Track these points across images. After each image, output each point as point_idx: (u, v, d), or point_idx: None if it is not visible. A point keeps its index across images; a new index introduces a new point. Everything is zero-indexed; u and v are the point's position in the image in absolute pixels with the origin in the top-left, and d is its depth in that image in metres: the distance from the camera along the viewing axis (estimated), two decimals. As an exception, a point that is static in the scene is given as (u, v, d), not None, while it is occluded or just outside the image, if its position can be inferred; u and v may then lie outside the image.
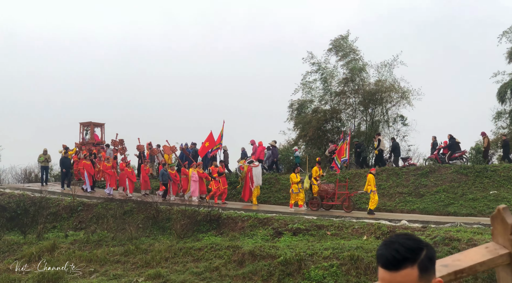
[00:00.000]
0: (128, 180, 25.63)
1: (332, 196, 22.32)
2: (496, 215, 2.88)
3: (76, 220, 22.33)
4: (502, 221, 2.87)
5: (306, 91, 36.53)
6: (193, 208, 20.78)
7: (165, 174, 24.61)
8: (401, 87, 34.84)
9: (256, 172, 23.98)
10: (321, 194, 22.36)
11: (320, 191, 22.41)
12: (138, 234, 19.46)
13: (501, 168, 24.00)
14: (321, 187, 22.50)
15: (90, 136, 33.34)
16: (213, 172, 24.78)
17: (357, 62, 35.31)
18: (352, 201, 22.21)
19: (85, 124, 33.70)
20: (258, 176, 24.11)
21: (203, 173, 25.33)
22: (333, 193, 22.34)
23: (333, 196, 22.31)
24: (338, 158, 23.16)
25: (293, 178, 22.49)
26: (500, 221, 2.88)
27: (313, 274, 14.65)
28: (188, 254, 16.91)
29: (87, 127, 33.67)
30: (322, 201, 22.24)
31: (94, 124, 33.74)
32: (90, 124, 33.59)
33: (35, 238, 19.88)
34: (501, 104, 34.12)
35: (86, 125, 33.67)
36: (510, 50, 33.65)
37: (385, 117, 35.66)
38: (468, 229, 16.95)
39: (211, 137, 27.14)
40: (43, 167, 28.56)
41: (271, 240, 18.10)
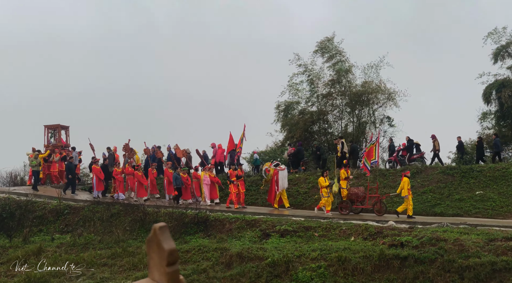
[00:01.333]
0: (138, 184, 25.02)
1: (363, 200, 21.80)
2: (152, 238, 2.13)
3: (62, 223, 22.18)
4: (159, 247, 2.12)
5: (293, 93, 36.66)
6: (180, 210, 20.71)
7: (178, 177, 24.06)
8: (387, 89, 35.07)
9: (282, 175, 23.27)
10: (351, 198, 21.75)
11: (350, 194, 21.80)
12: (125, 236, 19.37)
13: (486, 168, 24.18)
14: (351, 190, 21.96)
15: (58, 139, 32.68)
16: (231, 176, 23.91)
17: (343, 63, 35.49)
18: (383, 204, 21.57)
19: (51, 127, 33.01)
20: (284, 180, 23.39)
21: (215, 177, 25.02)
22: (364, 196, 21.75)
23: (364, 199, 21.80)
24: (367, 159, 22.31)
25: (322, 181, 21.86)
26: (156, 247, 2.13)
27: (300, 275, 14.66)
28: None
29: (53, 130, 33.02)
30: (352, 204, 21.67)
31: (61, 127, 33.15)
32: (58, 127, 32.92)
33: (21, 241, 19.70)
34: (486, 105, 34.39)
35: (53, 128, 33.00)
36: (495, 51, 33.91)
37: (371, 118, 35.87)
38: (454, 229, 17.06)
39: (231, 139, 26.95)
40: (36, 171, 27.51)
41: (258, 241, 18.09)
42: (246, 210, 22.62)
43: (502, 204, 21.50)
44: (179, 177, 24.05)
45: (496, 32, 33.94)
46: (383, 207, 21.40)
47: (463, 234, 16.08)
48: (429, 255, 14.60)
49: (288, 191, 24.43)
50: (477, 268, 13.80)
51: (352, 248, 15.71)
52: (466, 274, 13.79)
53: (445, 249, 14.74)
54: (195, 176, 25.26)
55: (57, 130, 32.91)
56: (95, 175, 25.71)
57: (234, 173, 23.86)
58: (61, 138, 32.86)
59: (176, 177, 24.02)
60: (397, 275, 14.37)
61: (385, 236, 16.74)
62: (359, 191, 21.76)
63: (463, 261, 14.11)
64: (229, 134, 27.62)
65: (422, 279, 14.06)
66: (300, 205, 24.12)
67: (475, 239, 15.35)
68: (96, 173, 25.66)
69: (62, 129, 33.23)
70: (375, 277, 14.50)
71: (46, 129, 32.64)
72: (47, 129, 32.72)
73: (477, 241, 15.19)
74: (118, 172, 25.58)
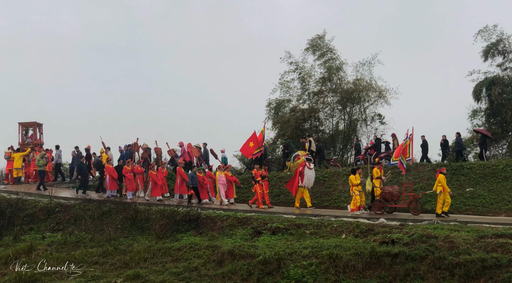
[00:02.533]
0: (152, 183, 24.66)
1: (398, 198, 21.29)
2: None
3: (53, 221, 22.09)
4: None
5: (284, 90, 36.69)
6: (171, 208, 20.67)
7: (195, 177, 23.69)
8: (378, 86, 35.15)
9: (309, 174, 22.53)
10: (385, 196, 21.13)
11: (384, 193, 21.15)
12: (117, 234, 19.33)
13: (477, 165, 24.31)
14: (385, 189, 21.29)
15: (34, 137, 32.40)
16: (256, 175, 23.17)
17: (334, 61, 35.59)
18: (420, 203, 21.02)
19: (27, 125, 32.69)
20: (310, 179, 22.67)
21: (232, 176, 24.70)
22: (398, 195, 21.20)
23: (399, 198, 21.28)
24: (403, 157, 21.69)
25: (353, 180, 21.26)
26: None
27: (292, 273, 14.70)
28: (167, 254, 16.85)
29: (29, 127, 32.67)
30: (386, 203, 21.04)
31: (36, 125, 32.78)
32: (34, 125, 32.59)
33: (12, 240, 19.62)
34: (476, 102, 34.50)
35: (29, 125, 32.68)
36: (486, 48, 34.03)
37: (363, 116, 35.94)
38: (445, 226, 17.15)
39: (254, 137, 26.34)
40: (42, 171, 27.23)
41: (250, 239, 18.11)
42: (272, 209, 22.24)
43: (492, 201, 21.62)
44: (195, 176, 23.72)
45: (487, 30, 34.06)
46: (419, 205, 20.91)
47: (453, 231, 16.17)
48: (420, 252, 14.67)
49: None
50: (468, 265, 13.88)
51: (344, 246, 15.75)
52: (457, 271, 13.86)
53: (435, 246, 14.82)
54: (209, 176, 24.86)
55: (32, 128, 32.49)
56: (108, 175, 25.37)
57: (258, 173, 23.27)
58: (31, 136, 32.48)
59: (192, 176, 23.66)
60: (388, 272, 14.43)
61: (376, 233, 16.79)
62: (393, 190, 21.20)
63: (453, 258, 14.18)
64: (253, 133, 26.95)
65: (413, 276, 14.12)
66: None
67: (465, 236, 15.43)
68: (109, 172, 25.33)
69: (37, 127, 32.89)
70: (366, 274, 14.56)
71: (21, 127, 32.20)
72: (21, 126, 32.27)
73: (468, 238, 15.28)
74: (128, 170, 25.14)
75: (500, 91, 32.00)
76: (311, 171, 22.75)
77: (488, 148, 29.83)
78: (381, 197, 21.22)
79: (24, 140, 31.95)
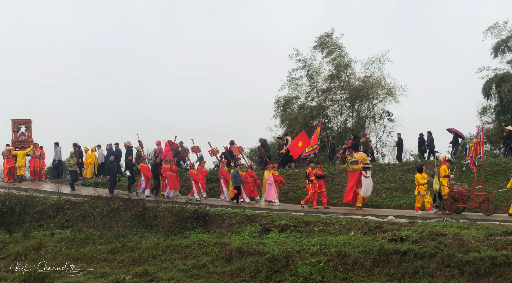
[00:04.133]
0: (194, 182, 24.39)
1: (468, 198, 20.22)
2: None
3: (62, 218, 22.19)
4: None
5: (292, 88, 36.73)
6: (180, 205, 20.72)
7: (237, 176, 23.20)
8: (387, 84, 35.09)
9: (366, 182, 21.44)
10: (454, 196, 20.11)
11: (453, 192, 20.13)
12: (125, 231, 19.37)
13: (486, 162, 24.17)
14: (454, 188, 20.23)
15: (28, 134, 31.60)
16: (310, 174, 22.07)
17: (342, 58, 35.56)
18: (493, 202, 20.04)
19: (22, 122, 31.96)
20: (368, 187, 21.60)
21: (278, 176, 24.02)
22: (468, 194, 20.16)
23: (468, 197, 20.23)
24: (475, 155, 20.96)
25: (419, 178, 20.44)
26: None
27: (300, 270, 14.68)
28: (176, 252, 16.88)
29: (23, 125, 31.88)
30: (456, 203, 20.12)
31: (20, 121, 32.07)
32: (29, 122, 31.83)
33: (21, 236, 19.71)
34: (486, 99, 34.36)
35: (23, 122, 31.98)
36: (495, 45, 33.87)
37: (371, 113, 35.91)
38: (454, 224, 17.08)
39: (304, 136, 25.39)
40: (73, 171, 26.60)
41: (258, 236, 18.11)
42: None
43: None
44: (238, 175, 23.22)
45: (497, 27, 33.92)
46: (492, 205, 19.86)
47: (462, 229, 16.10)
48: (429, 249, 14.62)
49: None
50: (477, 262, 13.83)
51: (352, 243, 15.73)
52: (466, 268, 13.81)
53: (445, 244, 14.77)
54: (250, 174, 24.28)
55: (26, 125, 31.81)
56: (143, 174, 25.14)
57: (313, 172, 22.19)
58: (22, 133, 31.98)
59: (235, 175, 23.21)
60: (397, 270, 14.40)
61: (385, 231, 16.76)
62: (463, 189, 20.15)
63: (463, 255, 14.13)
64: (302, 131, 26.33)
65: (422, 274, 14.08)
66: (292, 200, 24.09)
67: (475, 234, 15.37)
68: (144, 171, 25.09)
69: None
70: (375, 272, 14.53)
71: (14, 124, 31.59)
72: (14, 124, 31.62)
73: (477, 235, 15.21)
74: (166, 168, 24.62)
75: (510, 88, 31.86)
76: (368, 180, 21.58)
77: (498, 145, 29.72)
78: (450, 196, 20.28)
79: (17, 138, 31.51)
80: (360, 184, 21.55)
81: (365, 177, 21.46)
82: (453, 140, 27.86)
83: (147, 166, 25.53)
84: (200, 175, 24.69)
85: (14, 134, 31.29)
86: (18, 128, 31.46)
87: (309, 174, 22.17)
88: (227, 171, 24.45)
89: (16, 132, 31.34)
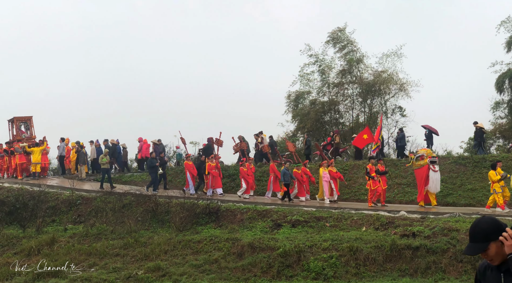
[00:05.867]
0: (244, 180, 23.77)
1: None
2: None
3: (75, 213, 22.31)
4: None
5: (304, 83, 36.74)
6: (192, 201, 20.75)
7: (287, 173, 22.35)
8: (400, 79, 34.96)
9: (434, 177, 20.34)
10: None
11: None
12: (137, 227, 19.44)
13: (499, 158, 24.01)
14: None
15: (30, 131, 32.00)
16: (370, 171, 21.23)
17: (354, 53, 35.46)
18: None
19: (24, 119, 32.28)
20: (436, 182, 20.44)
21: (336, 173, 22.83)
22: None
23: None
24: None
25: (493, 176, 19.36)
26: None
27: (312, 265, 14.68)
28: (187, 247, 16.92)
29: (24, 122, 32.26)
30: None
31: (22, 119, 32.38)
32: (30, 119, 32.15)
33: (34, 232, 19.86)
34: (499, 94, 34.17)
35: (24, 120, 32.26)
36: (509, 39, 33.60)
37: (383, 108, 35.78)
38: (467, 219, 16.97)
39: (368, 131, 24.68)
40: (105, 169, 25.85)
41: (270, 232, 18.11)
42: (386, 208, 20.80)
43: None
44: (287, 173, 22.35)
45: (510, 21, 33.66)
46: None
47: (475, 224, 15.98)
48: (441, 245, 14.56)
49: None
50: (490, 258, 13.74)
51: (364, 238, 15.70)
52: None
53: (457, 239, 14.70)
54: (304, 172, 23.26)
55: (28, 123, 32.12)
56: (188, 171, 24.68)
57: (373, 168, 21.40)
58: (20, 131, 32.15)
59: (285, 173, 22.35)
60: (409, 265, 14.35)
61: (397, 226, 16.70)
62: None
63: (475, 251, 14.03)
64: (366, 127, 25.73)
65: (434, 269, 14.02)
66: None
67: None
68: (189, 169, 24.61)
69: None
70: (386, 267, 14.49)
71: (15, 122, 31.84)
72: (16, 122, 31.89)
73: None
74: (212, 166, 24.20)
75: (523, 83, 31.64)
76: (437, 174, 20.45)
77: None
78: None
79: (20, 135, 31.53)
80: (427, 180, 20.42)
81: (434, 172, 20.39)
82: (428, 136, 27.95)
83: (191, 163, 25.03)
84: (250, 172, 24.09)
85: (17, 132, 31.44)
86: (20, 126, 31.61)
87: (370, 170, 21.35)
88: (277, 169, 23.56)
89: (18, 130, 31.51)
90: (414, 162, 20.95)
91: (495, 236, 3.93)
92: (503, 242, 3.86)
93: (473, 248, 4.07)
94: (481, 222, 4.05)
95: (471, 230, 4.09)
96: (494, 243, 3.94)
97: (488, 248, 3.97)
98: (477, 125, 26.10)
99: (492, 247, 3.96)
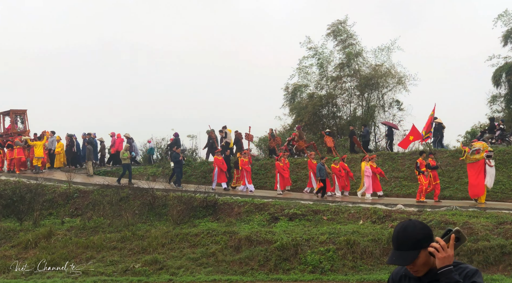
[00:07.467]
0: (279, 176, 23.23)
1: None
2: None
3: (72, 206, 22.28)
4: None
5: (302, 76, 36.69)
6: (189, 194, 20.76)
7: (323, 168, 21.85)
8: (397, 72, 34.94)
9: (491, 172, 19.73)
10: None
11: None
12: (135, 220, 19.44)
13: (496, 151, 24.04)
14: None
15: (25, 125, 31.52)
16: (421, 165, 20.36)
17: (354, 47, 35.40)
18: None
19: (18, 112, 31.83)
20: (492, 178, 19.84)
21: (377, 168, 22.43)
22: None
23: None
24: None
25: None
26: None
27: (309, 258, 14.71)
28: (185, 240, 16.93)
29: (19, 115, 31.78)
30: None
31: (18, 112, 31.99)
32: (24, 112, 31.74)
33: (32, 225, 19.82)
34: (496, 88, 34.20)
35: (20, 113, 31.84)
36: (506, 33, 33.60)
37: (381, 102, 35.78)
38: (463, 213, 17.05)
39: (415, 130, 23.47)
40: (126, 164, 25.29)
41: (267, 225, 18.13)
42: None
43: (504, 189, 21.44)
44: (323, 168, 21.86)
45: (507, 14, 33.63)
46: None
47: (472, 218, 16.07)
48: (438, 238, 14.57)
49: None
50: (486, 251, 13.81)
51: (361, 232, 15.74)
52: (475, 257, 13.79)
53: (454, 233, 14.71)
54: (343, 167, 22.80)
55: (22, 116, 31.76)
56: (217, 166, 24.30)
57: (424, 163, 20.50)
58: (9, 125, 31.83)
59: (320, 168, 21.83)
60: (405, 259, 14.36)
61: (394, 220, 16.74)
62: None
63: (472, 244, 14.10)
64: (413, 126, 25.16)
65: (431, 263, 14.04)
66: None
67: (484, 223, 15.33)
68: (218, 164, 24.22)
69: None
70: (383, 261, 14.53)
71: (11, 115, 31.47)
72: (12, 114, 31.50)
73: (486, 224, 15.17)
74: (245, 162, 23.76)
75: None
76: (493, 169, 19.83)
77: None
78: None
79: (16, 128, 31.22)
80: (482, 174, 19.74)
81: (490, 166, 19.74)
82: (388, 133, 28.05)
83: (221, 158, 24.58)
84: (285, 167, 23.70)
85: (12, 125, 31.23)
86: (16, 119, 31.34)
87: (420, 165, 20.54)
88: (315, 164, 22.91)
89: (14, 123, 31.25)
90: (468, 156, 20.10)
91: (427, 243, 3.39)
92: (434, 254, 3.31)
93: (402, 257, 3.42)
94: (410, 227, 3.45)
95: (399, 236, 3.46)
96: (424, 251, 3.38)
97: (418, 256, 3.40)
98: (436, 121, 25.96)
99: (422, 255, 3.40)
